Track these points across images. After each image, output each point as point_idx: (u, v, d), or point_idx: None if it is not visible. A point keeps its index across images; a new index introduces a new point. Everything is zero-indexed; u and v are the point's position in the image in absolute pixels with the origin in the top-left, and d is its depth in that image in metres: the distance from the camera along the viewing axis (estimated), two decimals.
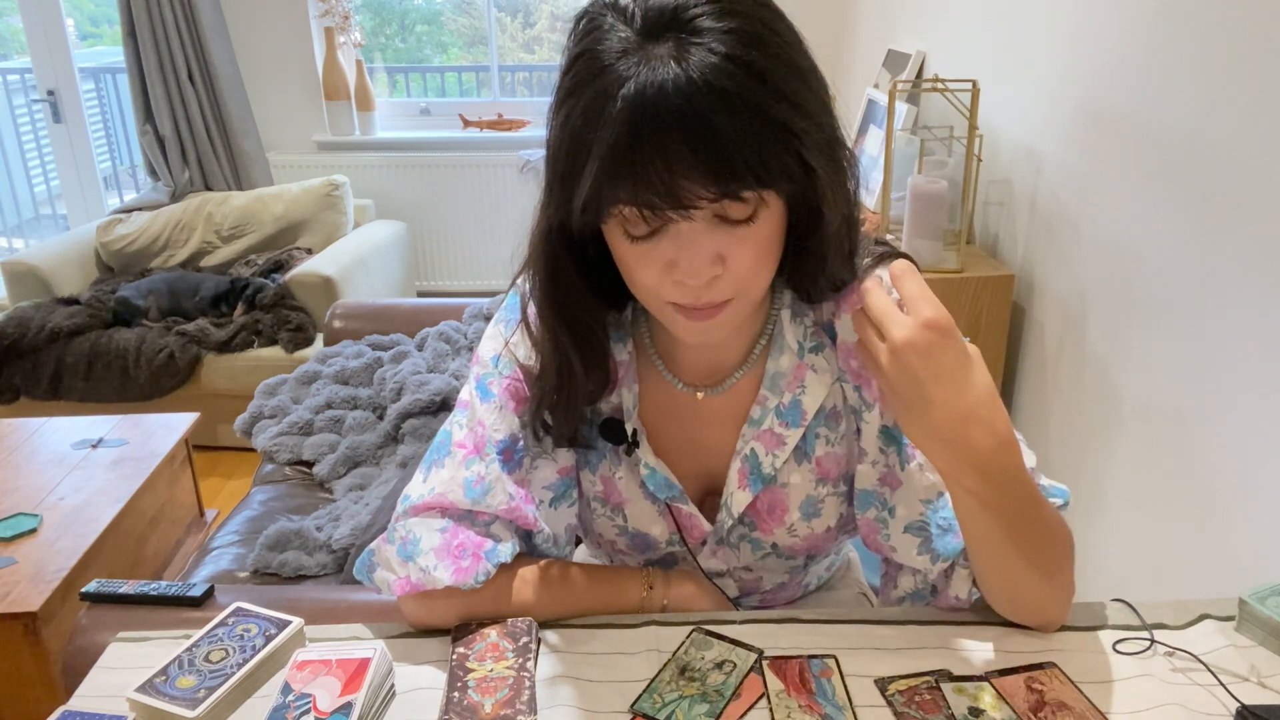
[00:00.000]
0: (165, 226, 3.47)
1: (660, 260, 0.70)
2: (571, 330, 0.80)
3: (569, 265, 0.77)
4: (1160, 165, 1.48)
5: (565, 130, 0.67)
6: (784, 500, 0.87)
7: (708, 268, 0.69)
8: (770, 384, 0.85)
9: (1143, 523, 1.55)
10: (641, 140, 0.63)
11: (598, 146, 0.64)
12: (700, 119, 0.62)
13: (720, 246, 0.69)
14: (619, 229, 0.70)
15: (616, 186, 0.65)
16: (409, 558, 0.80)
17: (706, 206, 0.66)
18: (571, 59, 0.68)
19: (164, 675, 0.74)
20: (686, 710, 0.71)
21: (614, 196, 0.66)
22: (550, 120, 0.70)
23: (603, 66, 0.65)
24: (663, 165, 0.63)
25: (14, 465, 2.18)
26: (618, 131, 0.63)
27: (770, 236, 0.71)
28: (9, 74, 5.07)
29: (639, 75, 0.63)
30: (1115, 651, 0.77)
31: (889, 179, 2.09)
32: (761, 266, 0.72)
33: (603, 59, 0.65)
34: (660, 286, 0.71)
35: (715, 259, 0.69)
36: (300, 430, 2.18)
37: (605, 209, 0.68)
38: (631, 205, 0.66)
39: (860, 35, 3.28)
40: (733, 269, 0.70)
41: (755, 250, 0.70)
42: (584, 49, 0.67)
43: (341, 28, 3.72)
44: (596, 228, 0.73)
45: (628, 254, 0.71)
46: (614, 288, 0.78)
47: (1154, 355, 1.51)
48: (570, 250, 0.76)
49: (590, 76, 0.65)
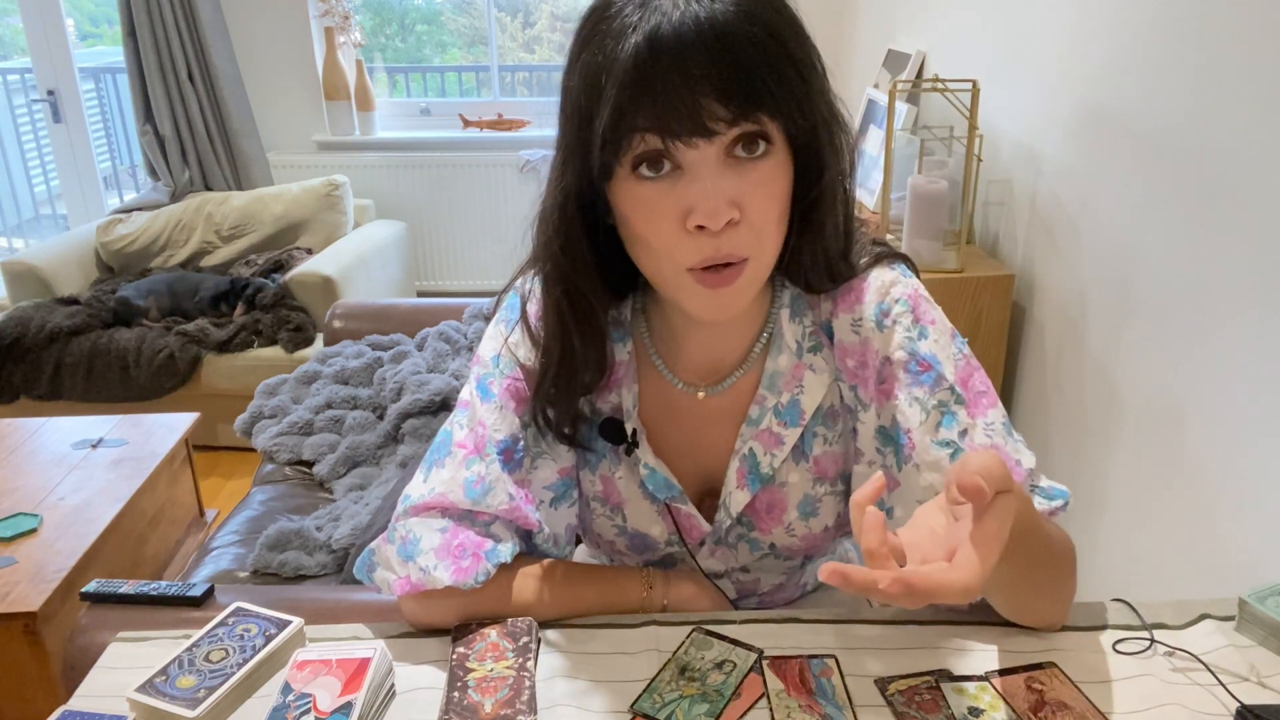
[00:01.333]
0: (165, 226, 3.47)
1: (676, 208, 0.70)
2: (575, 306, 0.80)
3: (581, 236, 0.77)
4: (1160, 165, 1.48)
5: (583, 74, 0.70)
6: (782, 499, 0.87)
7: (725, 208, 0.69)
8: (769, 383, 0.85)
9: (1143, 523, 1.55)
10: (662, 61, 0.65)
11: (617, 72, 0.66)
12: (721, 38, 0.65)
13: (735, 191, 0.70)
14: (631, 179, 0.71)
15: (636, 112, 0.67)
16: (409, 557, 0.80)
17: (724, 131, 0.68)
18: (583, 19, 0.71)
19: (164, 675, 0.74)
20: (686, 710, 0.71)
21: (633, 123, 0.67)
22: (564, 82, 0.72)
23: (618, 9, 0.68)
24: (682, 83, 0.65)
25: (14, 465, 2.18)
26: (639, 55, 0.65)
27: (781, 189, 0.72)
28: (9, 74, 5.06)
29: (656, 13, 0.66)
30: (1115, 651, 0.77)
31: (889, 179, 2.09)
32: (773, 221, 0.73)
33: (618, 5, 0.68)
34: (677, 246, 0.71)
35: (731, 203, 0.70)
36: (300, 430, 2.18)
37: (624, 143, 0.69)
38: (651, 131, 0.67)
39: (860, 35, 3.28)
40: (748, 217, 0.71)
41: (768, 199, 0.71)
42: (597, 5, 0.70)
43: (341, 28, 3.72)
44: (608, 212, 0.74)
45: (642, 208, 0.71)
46: (619, 278, 0.78)
47: (1154, 355, 1.51)
48: (583, 222, 0.76)
49: (605, 25, 0.68)
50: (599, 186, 0.74)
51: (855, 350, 0.83)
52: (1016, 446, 0.79)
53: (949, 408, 0.79)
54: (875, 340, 0.82)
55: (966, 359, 0.81)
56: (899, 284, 0.82)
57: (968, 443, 0.78)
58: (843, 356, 0.84)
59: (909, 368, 0.80)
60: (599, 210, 0.76)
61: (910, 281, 0.83)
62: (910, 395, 0.80)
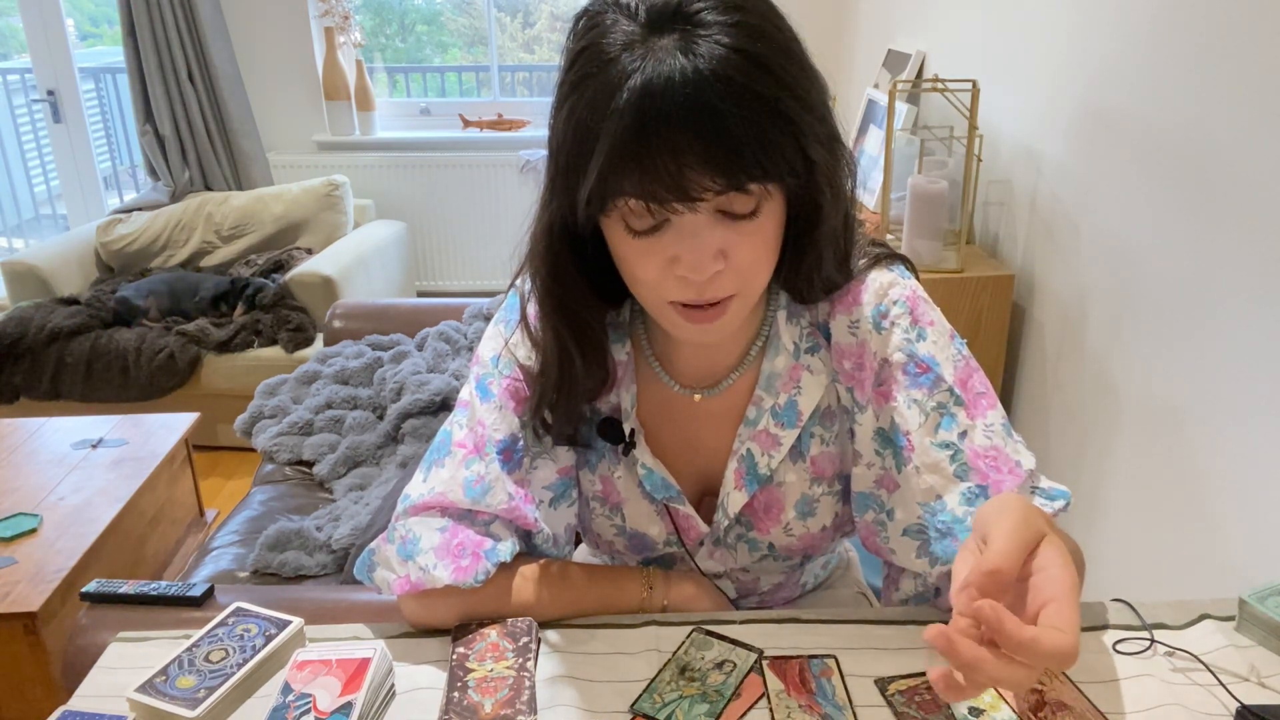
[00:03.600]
0: (165, 226, 3.47)
1: (662, 256, 0.70)
2: (572, 326, 0.80)
3: (570, 262, 0.77)
4: (1160, 165, 1.48)
5: (570, 124, 0.67)
6: (780, 500, 0.87)
7: (710, 263, 0.69)
8: (766, 384, 0.85)
9: (1143, 522, 1.55)
10: (649, 131, 0.63)
11: (604, 138, 0.64)
12: (708, 110, 0.62)
13: (723, 241, 0.69)
14: (620, 225, 0.70)
15: (622, 178, 0.65)
16: (409, 557, 0.80)
17: (712, 199, 0.66)
18: (574, 55, 0.68)
19: (164, 675, 0.74)
20: (686, 710, 0.71)
21: (619, 188, 0.66)
22: (553, 117, 0.70)
23: (608, 59, 0.65)
24: (669, 156, 0.63)
25: (14, 465, 2.18)
26: (625, 122, 0.63)
27: (771, 232, 0.71)
28: (9, 74, 5.06)
29: (645, 67, 0.63)
30: (1115, 651, 0.77)
31: (889, 179, 2.09)
32: (762, 262, 0.72)
33: (607, 52, 0.65)
34: (662, 284, 0.71)
35: (718, 254, 0.69)
36: (300, 430, 2.18)
37: (610, 201, 0.68)
38: (637, 197, 0.66)
39: (860, 35, 3.28)
40: (734, 264, 0.70)
41: (757, 245, 0.70)
42: (587, 44, 0.67)
43: (341, 28, 3.72)
44: (597, 225, 0.73)
45: (629, 250, 0.71)
46: (612, 286, 0.78)
47: (1154, 355, 1.51)
48: (571, 248, 0.76)
49: (595, 70, 0.65)
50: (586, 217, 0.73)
51: (852, 352, 0.83)
52: (1016, 447, 0.79)
53: (948, 409, 0.79)
54: (873, 342, 0.81)
55: (965, 360, 0.81)
56: (897, 285, 0.82)
57: (967, 443, 0.78)
58: (840, 358, 0.84)
59: (907, 369, 0.80)
60: (588, 228, 0.75)
61: (908, 283, 0.83)
62: (909, 397, 0.79)
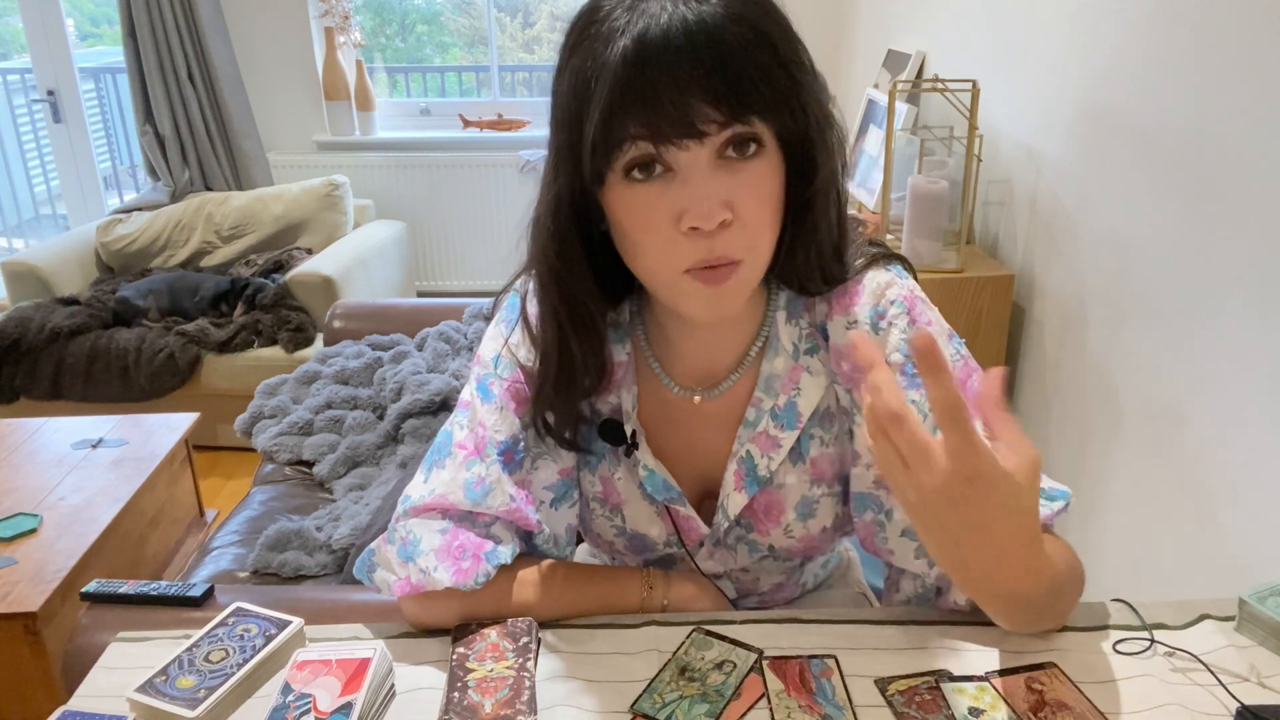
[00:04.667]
0: (165, 226, 3.47)
1: (669, 212, 0.70)
2: (572, 311, 0.79)
3: (575, 241, 0.77)
4: (1160, 165, 1.48)
5: (570, 81, 0.70)
6: (780, 501, 0.87)
7: (718, 209, 0.69)
8: (765, 386, 0.85)
9: (1143, 523, 1.55)
10: (650, 62, 0.65)
11: (604, 79, 0.66)
12: (712, 40, 0.65)
13: (727, 191, 0.70)
14: (623, 185, 0.71)
15: (626, 117, 0.67)
16: (409, 558, 0.80)
17: (716, 133, 0.68)
18: (572, 23, 0.71)
19: (164, 675, 0.74)
20: (686, 710, 0.71)
21: (624, 129, 0.67)
22: (554, 87, 0.72)
23: (606, 13, 0.68)
24: (672, 86, 0.65)
25: (14, 465, 2.18)
26: (627, 59, 0.65)
27: (772, 190, 0.72)
28: (9, 74, 5.06)
29: (648, 9, 0.66)
30: (1115, 651, 0.77)
31: (889, 179, 2.08)
32: (765, 221, 0.73)
33: (604, 7, 0.68)
34: (671, 248, 0.71)
35: (723, 204, 0.69)
36: (300, 430, 2.18)
37: (615, 148, 0.69)
38: (642, 138, 0.68)
39: (860, 35, 3.28)
40: (740, 218, 0.70)
41: (759, 199, 0.71)
42: (585, 10, 0.70)
43: (341, 28, 3.72)
44: (602, 218, 0.74)
45: (635, 213, 0.71)
46: (614, 283, 0.78)
47: (1154, 355, 1.51)
48: (577, 227, 0.76)
49: (593, 30, 0.68)
50: (591, 192, 0.73)
51: (850, 353, 0.83)
52: None
53: None
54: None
55: (964, 360, 0.81)
56: (894, 285, 0.82)
57: None
58: (838, 359, 0.84)
59: (905, 369, 0.80)
60: (592, 216, 0.76)
61: (906, 283, 0.83)
62: (907, 398, 0.79)
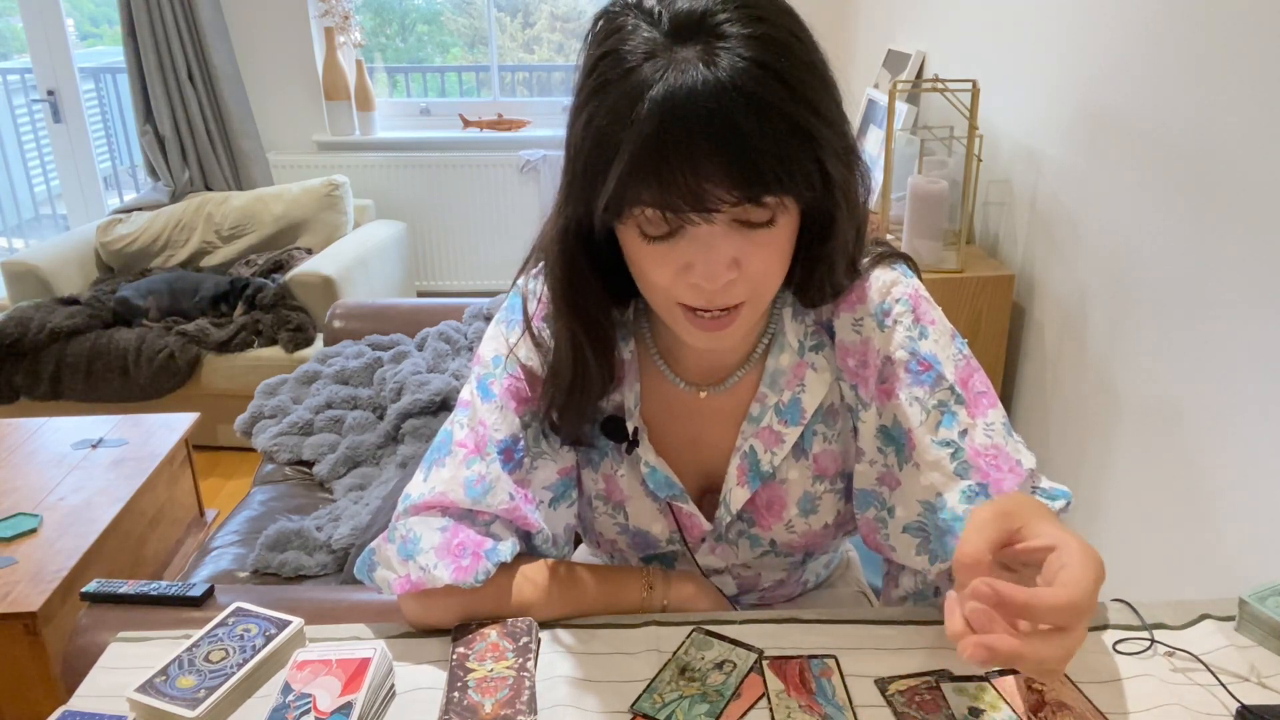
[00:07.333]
0: (165, 226, 3.47)
1: (676, 262, 0.70)
2: (586, 327, 0.80)
3: (585, 264, 0.77)
4: (1160, 165, 1.48)
5: (589, 131, 0.68)
6: (782, 496, 0.87)
7: (724, 271, 0.69)
8: (770, 381, 0.85)
9: (1143, 522, 1.55)
10: (669, 142, 0.63)
11: (624, 147, 0.65)
12: (728, 123, 0.63)
13: (737, 250, 0.69)
14: (635, 230, 0.70)
15: (640, 188, 0.65)
16: (409, 556, 0.80)
17: (728, 211, 0.67)
18: (594, 60, 0.68)
19: (164, 675, 0.74)
20: (686, 710, 0.71)
21: (637, 197, 0.66)
22: (571, 121, 0.70)
23: (629, 68, 0.65)
24: (689, 168, 0.64)
25: (14, 465, 2.18)
26: (646, 132, 0.63)
27: (785, 243, 0.72)
28: (9, 74, 5.06)
29: (668, 77, 0.63)
30: (1115, 651, 0.77)
31: (889, 179, 2.09)
32: (774, 272, 0.73)
33: (628, 60, 0.65)
34: (673, 287, 0.72)
35: (731, 263, 0.69)
36: (300, 430, 2.18)
37: (627, 209, 0.68)
38: (654, 207, 0.67)
39: (860, 35, 3.28)
40: (747, 273, 0.70)
41: (770, 255, 0.71)
42: (608, 49, 0.67)
43: (341, 28, 3.72)
44: (611, 227, 0.73)
45: (643, 254, 0.71)
46: (622, 284, 0.79)
47: (1154, 355, 1.51)
48: (586, 249, 0.76)
49: (616, 77, 0.65)
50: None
51: (856, 349, 0.83)
52: (1016, 446, 0.79)
53: (949, 407, 0.79)
54: (876, 339, 0.82)
55: (966, 359, 0.81)
56: (900, 284, 0.83)
57: (968, 442, 0.78)
58: (844, 356, 0.84)
59: (909, 367, 0.80)
60: (603, 233, 0.75)
61: (911, 281, 0.84)
62: (910, 395, 0.80)
